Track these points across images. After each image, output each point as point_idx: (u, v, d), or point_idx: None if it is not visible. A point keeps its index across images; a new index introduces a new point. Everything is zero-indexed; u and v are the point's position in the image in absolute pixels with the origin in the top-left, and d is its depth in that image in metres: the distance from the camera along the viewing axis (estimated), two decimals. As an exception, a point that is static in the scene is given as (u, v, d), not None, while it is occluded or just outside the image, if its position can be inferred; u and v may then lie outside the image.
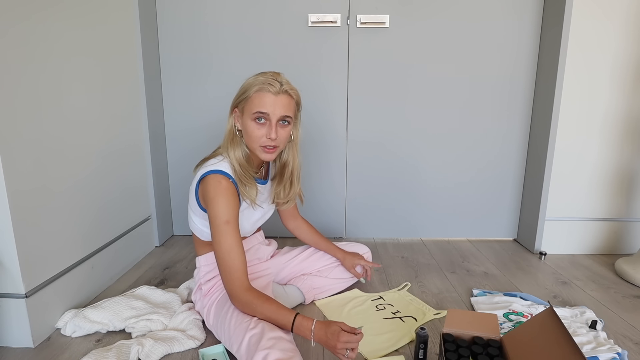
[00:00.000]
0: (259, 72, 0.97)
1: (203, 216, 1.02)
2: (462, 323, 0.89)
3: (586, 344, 0.98)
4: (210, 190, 0.93)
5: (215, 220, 0.91)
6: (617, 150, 1.62)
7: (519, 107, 1.73)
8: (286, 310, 0.87)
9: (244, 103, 0.95)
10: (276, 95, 0.93)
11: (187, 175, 1.80)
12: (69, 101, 1.14)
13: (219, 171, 0.95)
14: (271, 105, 0.93)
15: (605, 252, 1.70)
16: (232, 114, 1.00)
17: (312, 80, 1.70)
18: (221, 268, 0.91)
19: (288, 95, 0.96)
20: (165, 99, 1.73)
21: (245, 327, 0.86)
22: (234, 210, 0.93)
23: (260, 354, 0.77)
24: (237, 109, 0.98)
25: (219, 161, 0.98)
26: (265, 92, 0.93)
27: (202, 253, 1.09)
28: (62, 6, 1.10)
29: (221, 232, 0.91)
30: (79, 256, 1.19)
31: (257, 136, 0.95)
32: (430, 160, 1.78)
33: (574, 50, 1.53)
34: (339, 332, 0.81)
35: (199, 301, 1.08)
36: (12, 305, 0.96)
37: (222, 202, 0.92)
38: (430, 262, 1.58)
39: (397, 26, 1.66)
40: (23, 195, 0.96)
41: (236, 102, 0.98)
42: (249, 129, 0.95)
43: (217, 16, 1.65)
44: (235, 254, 0.90)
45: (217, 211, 0.91)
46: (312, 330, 0.84)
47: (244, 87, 0.96)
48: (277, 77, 0.94)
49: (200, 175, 0.98)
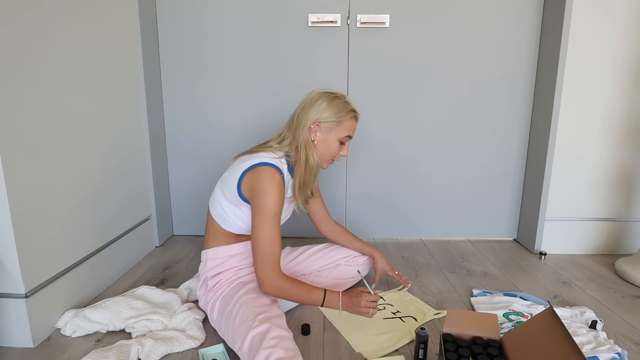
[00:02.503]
0: (337, 93, 1.07)
1: (238, 204, 1.03)
2: (462, 323, 0.89)
3: (586, 344, 0.98)
4: (264, 182, 0.97)
5: (264, 211, 0.96)
6: (617, 150, 1.62)
7: (519, 107, 1.73)
8: (316, 289, 1.01)
9: (335, 125, 1.06)
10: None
11: (187, 175, 1.81)
12: (70, 101, 1.14)
13: (274, 165, 1.00)
14: (354, 131, 1.11)
15: (605, 252, 1.70)
16: (309, 125, 1.05)
17: (312, 80, 1.70)
18: (260, 256, 0.96)
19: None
20: (165, 98, 1.73)
21: (249, 325, 0.87)
22: (282, 205, 1.00)
23: (263, 352, 0.78)
24: (319, 125, 1.05)
25: (273, 157, 1.04)
26: (355, 120, 1.09)
27: (211, 246, 1.09)
28: (63, 7, 1.10)
29: (268, 223, 0.96)
30: (79, 256, 1.19)
31: (335, 153, 1.09)
32: (430, 160, 1.78)
33: (574, 50, 1.53)
34: (361, 294, 1.00)
35: (203, 296, 1.08)
36: (12, 305, 0.96)
37: (274, 195, 0.97)
38: (430, 262, 1.58)
39: (397, 26, 1.66)
40: (23, 195, 0.96)
41: (321, 119, 1.05)
42: (332, 146, 1.08)
43: (217, 16, 1.65)
44: (276, 245, 0.98)
45: (268, 203, 0.96)
46: (340, 300, 1.00)
47: (336, 110, 1.05)
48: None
49: (250, 164, 1.01)
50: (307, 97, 1.08)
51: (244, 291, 1.00)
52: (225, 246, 1.07)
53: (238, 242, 1.09)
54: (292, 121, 1.08)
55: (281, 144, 1.08)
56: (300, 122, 1.05)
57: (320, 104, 1.04)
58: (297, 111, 1.08)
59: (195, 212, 1.85)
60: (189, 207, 1.84)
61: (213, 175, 1.80)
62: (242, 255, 1.09)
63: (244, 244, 1.09)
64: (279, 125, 1.73)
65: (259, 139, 1.74)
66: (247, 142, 1.76)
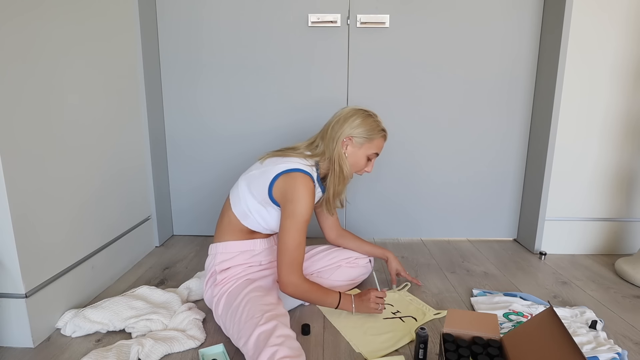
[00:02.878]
0: (370, 111, 1.12)
1: (266, 205, 1.06)
2: (462, 323, 0.89)
3: (586, 344, 0.98)
4: (299, 189, 1.00)
5: (295, 216, 1.00)
6: (617, 150, 1.62)
7: (518, 107, 1.73)
8: (332, 292, 1.08)
9: (366, 141, 1.10)
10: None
11: (187, 175, 1.80)
12: (70, 101, 1.14)
13: (308, 173, 1.04)
14: (382, 149, 1.19)
15: (605, 252, 1.70)
16: (342, 139, 1.09)
17: (312, 80, 1.70)
18: (286, 259, 1.00)
19: None
20: (165, 98, 1.73)
21: (256, 322, 0.88)
22: (311, 212, 1.04)
23: (269, 349, 0.79)
24: (352, 139, 1.10)
25: (306, 164, 1.07)
26: (384, 140, 1.15)
27: (222, 240, 1.10)
28: (63, 7, 1.10)
29: (297, 228, 1.00)
30: (79, 256, 1.19)
31: (361, 168, 1.14)
32: (430, 160, 1.78)
33: (574, 49, 1.53)
34: (369, 292, 1.10)
35: (209, 290, 1.08)
36: (12, 305, 0.96)
37: (307, 203, 1.01)
38: (430, 262, 1.58)
39: (397, 26, 1.66)
40: (23, 196, 0.96)
41: (353, 134, 1.09)
42: (360, 161, 1.12)
43: (217, 16, 1.65)
44: (302, 249, 1.02)
45: (302, 209, 1.00)
46: (353, 302, 1.09)
47: (369, 128, 1.09)
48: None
49: (285, 169, 1.03)
50: (341, 112, 1.13)
51: (251, 288, 1.01)
52: (237, 241, 1.09)
53: (251, 239, 1.11)
54: (326, 132, 1.12)
55: (312, 152, 1.12)
56: (334, 135, 1.09)
57: (354, 120, 1.09)
58: (331, 123, 1.12)
59: (195, 212, 1.85)
60: (189, 207, 1.84)
61: (213, 175, 1.80)
62: (253, 253, 1.10)
63: (256, 242, 1.11)
64: (279, 125, 1.74)
65: (258, 138, 1.76)
66: (247, 142, 1.77)
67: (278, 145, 1.75)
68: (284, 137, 1.75)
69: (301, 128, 1.74)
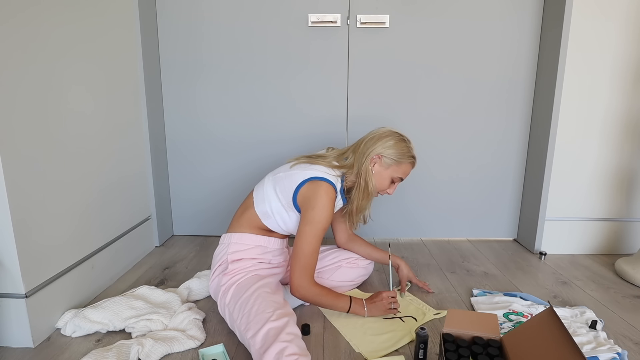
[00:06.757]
0: (404, 136, 1.14)
1: (288, 209, 1.09)
2: (462, 323, 0.89)
3: (586, 344, 0.98)
4: (322, 197, 1.03)
5: (314, 224, 1.02)
6: (617, 150, 1.62)
7: (518, 107, 1.73)
8: (343, 296, 1.09)
9: (394, 164, 1.12)
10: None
11: (187, 175, 1.80)
12: (69, 102, 1.14)
13: (332, 183, 1.07)
14: (407, 176, 1.19)
15: (605, 252, 1.70)
16: (372, 155, 1.11)
17: (312, 80, 1.70)
18: (300, 263, 1.02)
19: None
20: (165, 99, 1.73)
21: (267, 317, 0.89)
22: (330, 221, 1.06)
23: (279, 344, 0.81)
24: (381, 159, 1.11)
25: (332, 174, 1.09)
26: (412, 166, 1.16)
27: (239, 231, 1.11)
28: (63, 7, 1.10)
29: (315, 235, 1.03)
30: (79, 256, 1.19)
31: (384, 188, 1.16)
32: (430, 160, 1.78)
33: (573, 50, 1.53)
34: (380, 293, 1.12)
35: (217, 278, 1.09)
36: (12, 305, 0.96)
37: (328, 212, 1.04)
38: (430, 262, 1.58)
39: (397, 26, 1.66)
40: (23, 195, 0.96)
41: (384, 154, 1.11)
42: (384, 181, 1.14)
43: (217, 16, 1.65)
44: (316, 255, 1.05)
45: (322, 217, 1.03)
46: (365, 305, 1.10)
47: (400, 152, 1.11)
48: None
49: (311, 176, 1.07)
50: (377, 130, 1.15)
51: (261, 284, 1.02)
52: (254, 234, 1.11)
53: (267, 236, 1.13)
54: (359, 147, 1.13)
55: (341, 163, 1.13)
56: (366, 151, 1.11)
57: (388, 140, 1.11)
58: (365, 139, 1.14)
59: (195, 212, 1.85)
60: (189, 207, 1.84)
61: (213, 175, 1.80)
62: (265, 249, 1.12)
63: (271, 240, 1.13)
64: (278, 124, 1.74)
65: (258, 138, 1.76)
66: (247, 142, 1.76)
67: (278, 145, 1.75)
68: (284, 137, 1.75)
69: (301, 128, 1.75)
